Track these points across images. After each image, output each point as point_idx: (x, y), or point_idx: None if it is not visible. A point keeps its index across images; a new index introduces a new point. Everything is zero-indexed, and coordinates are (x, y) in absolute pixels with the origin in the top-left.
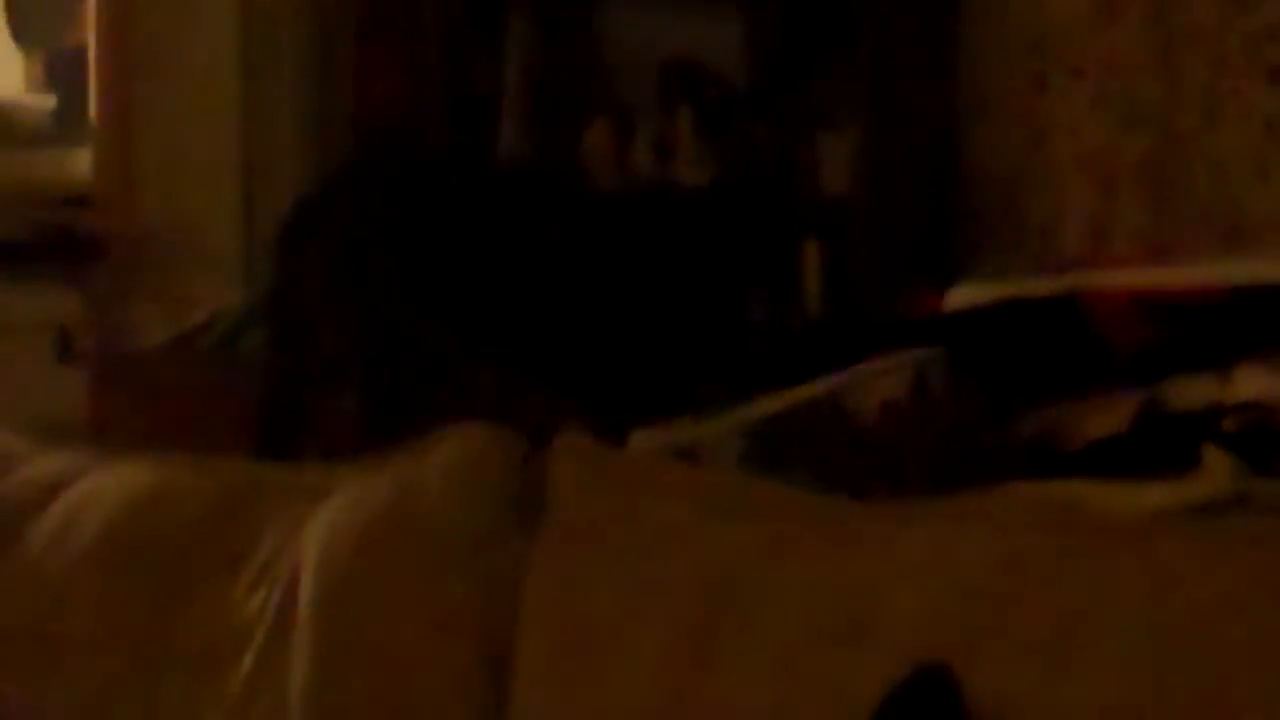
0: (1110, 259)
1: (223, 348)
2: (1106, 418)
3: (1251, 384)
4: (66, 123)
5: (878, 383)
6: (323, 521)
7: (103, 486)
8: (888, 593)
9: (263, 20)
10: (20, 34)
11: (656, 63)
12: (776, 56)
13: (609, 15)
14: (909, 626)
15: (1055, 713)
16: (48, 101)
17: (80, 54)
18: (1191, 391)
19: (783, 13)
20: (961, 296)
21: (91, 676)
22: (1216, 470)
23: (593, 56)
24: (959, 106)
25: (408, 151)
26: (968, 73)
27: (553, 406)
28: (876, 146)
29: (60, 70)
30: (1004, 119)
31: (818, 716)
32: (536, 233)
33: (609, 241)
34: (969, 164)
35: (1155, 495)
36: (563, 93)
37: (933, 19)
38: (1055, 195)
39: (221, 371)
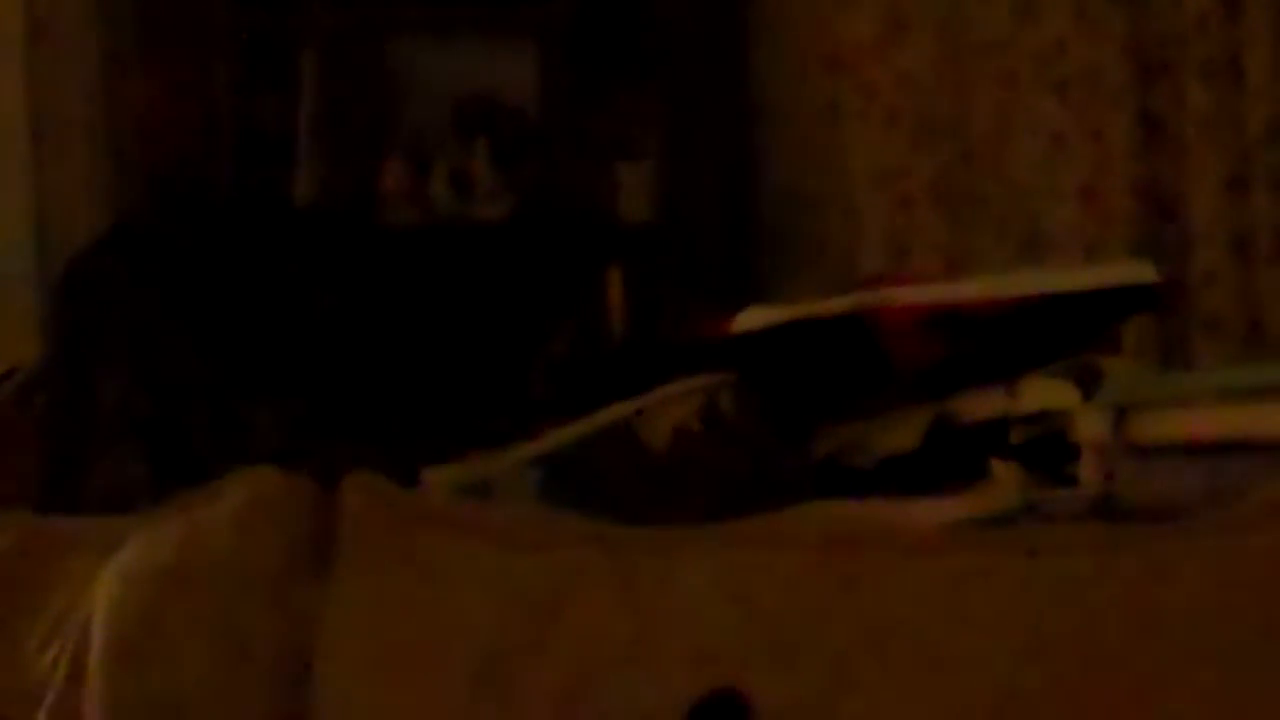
0: (901, 276)
1: (18, 403)
2: (896, 434)
3: (1037, 395)
4: None
5: (668, 409)
6: (113, 572)
7: None
8: (675, 618)
9: (49, 66)
10: None
11: (450, 97)
12: (570, 87)
13: (400, 50)
14: (696, 650)
15: None
16: None
17: None
18: (979, 405)
19: (575, 44)
20: (750, 318)
21: None
22: (1004, 482)
23: (385, 92)
24: (755, 130)
25: (199, 194)
26: (762, 96)
27: (343, 449)
28: (674, 173)
29: None
30: (800, 141)
31: None
32: (333, 271)
33: (408, 278)
34: (768, 187)
35: (945, 510)
36: (356, 129)
37: (724, 44)
38: (853, 214)
39: (14, 427)
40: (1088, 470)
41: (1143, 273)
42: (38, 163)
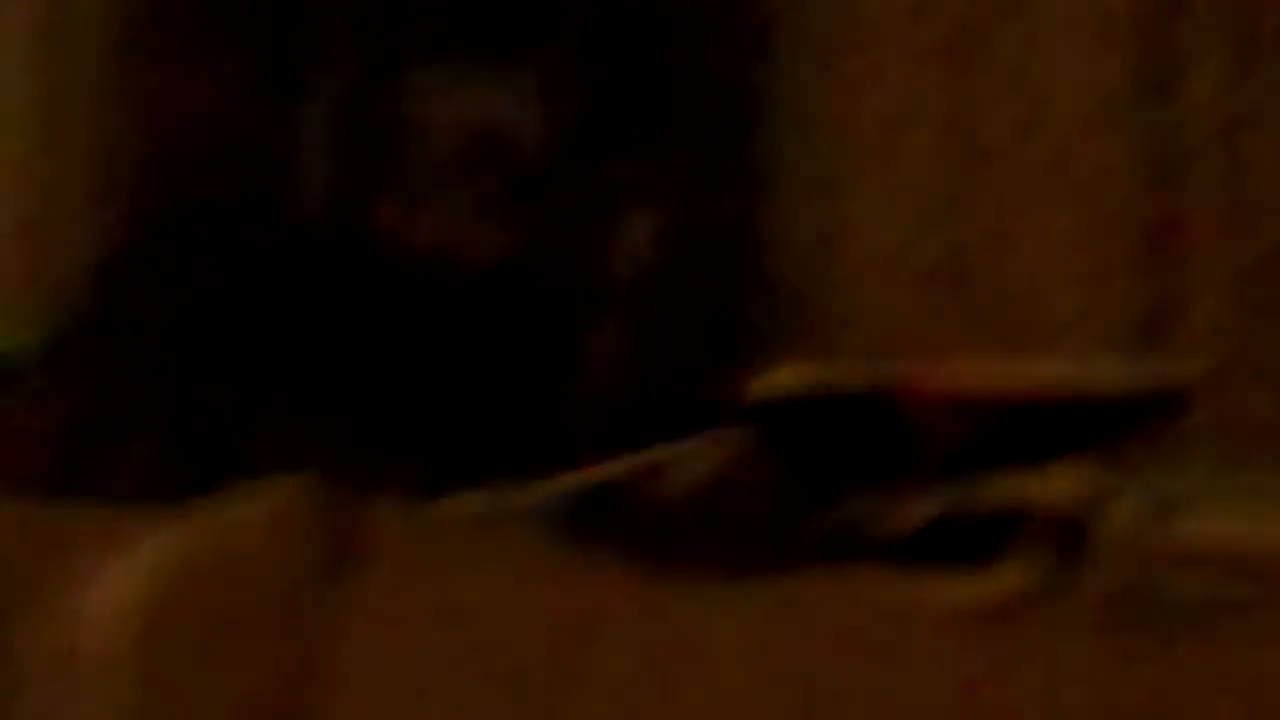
0: (910, 355)
1: (19, 393)
2: (917, 510)
3: (1061, 485)
4: None
5: (689, 462)
6: (134, 568)
7: None
8: (701, 672)
9: (59, 60)
10: None
11: (458, 131)
12: (575, 132)
13: (413, 79)
14: (718, 709)
15: None
16: None
17: None
18: (1001, 489)
19: (582, 88)
20: (776, 380)
21: None
22: (1023, 568)
23: (394, 120)
24: (763, 192)
25: (204, 211)
26: (773, 162)
27: (367, 465)
28: (679, 224)
29: None
30: (806, 213)
31: None
32: (334, 291)
33: (407, 309)
34: (769, 253)
35: (963, 589)
36: (361, 154)
37: (738, 100)
38: (853, 291)
39: (18, 417)
40: (1109, 566)
41: (1171, 375)
42: (43, 153)
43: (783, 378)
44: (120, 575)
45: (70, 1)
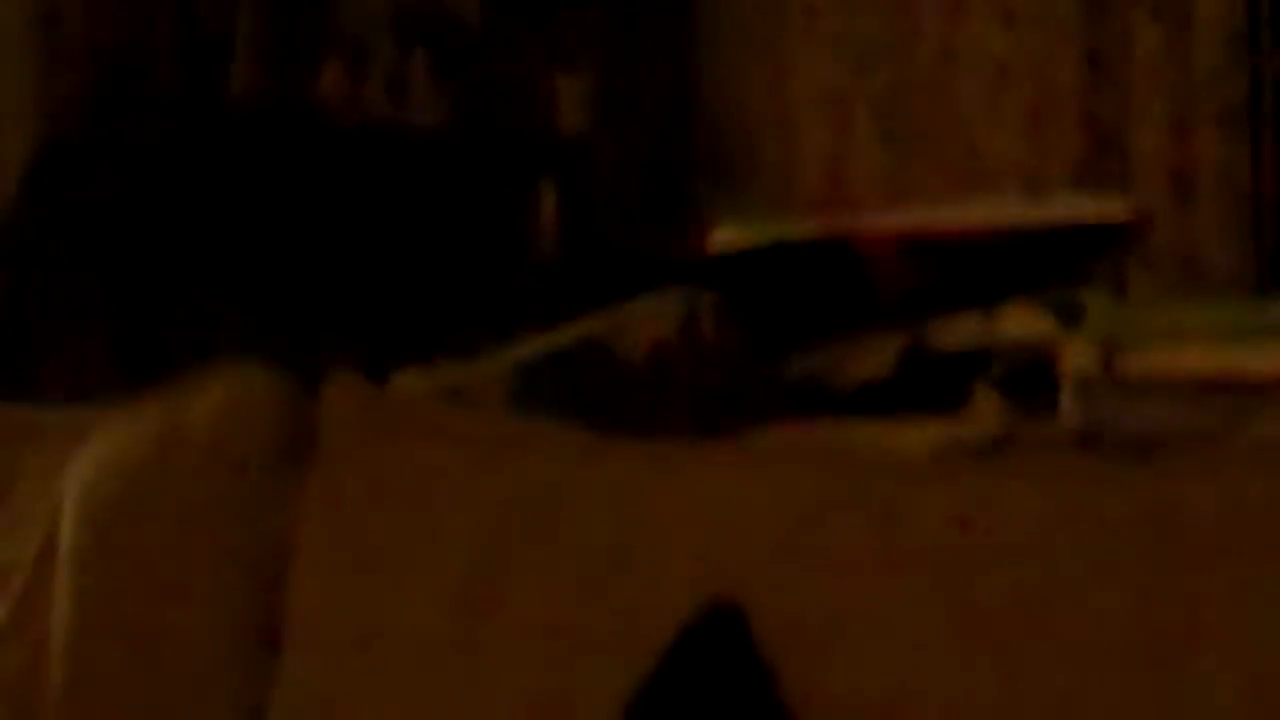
0: (857, 200)
1: None
2: (874, 359)
3: (1016, 324)
4: None
5: (647, 322)
6: (85, 461)
7: None
8: (667, 529)
9: None
10: None
11: (390, 3)
12: None
13: None
14: (690, 562)
15: (847, 645)
16: None
17: None
18: (958, 332)
19: None
20: (728, 236)
21: None
22: (986, 410)
23: None
24: (695, 47)
25: (140, 92)
26: (706, 12)
27: (311, 345)
28: (614, 86)
29: None
30: (741, 60)
31: (603, 656)
32: (273, 172)
33: (347, 182)
34: (707, 103)
35: (925, 435)
36: (296, 32)
37: None
38: (792, 137)
39: None
40: (1070, 402)
41: (1119, 209)
42: None
43: (733, 232)
44: (78, 470)
45: None
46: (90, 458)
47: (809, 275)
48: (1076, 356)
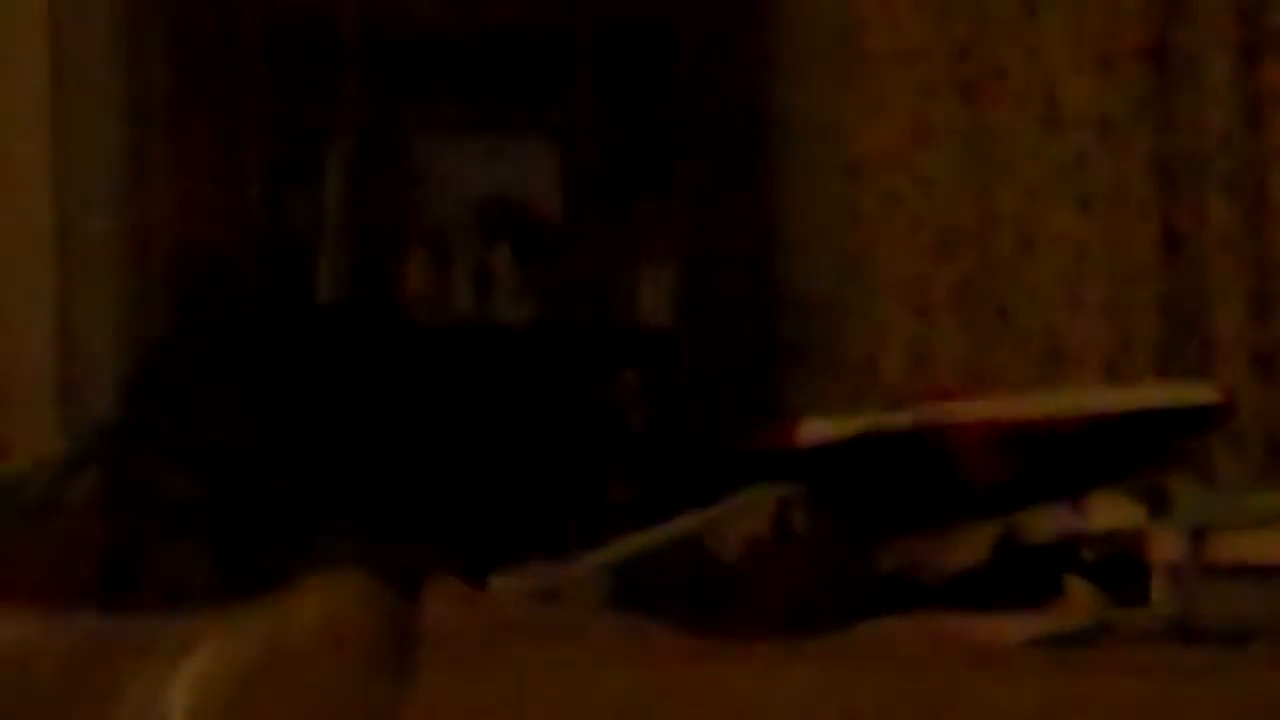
0: (944, 389)
1: (47, 498)
2: (966, 550)
3: (1106, 514)
4: None
5: (740, 520)
6: (190, 675)
7: None
8: None
9: (77, 153)
10: None
11: (473, 197)
12: (593, 191)
13: (424, 151)
14: None
15: None
16: None
17: None
18: (1048, 522)
19: (598, 148)
20: (816, 430)
21: None
22: (1078, 600)
23: (409, 192)
24: (777, 236)
25: (229, 293)
26: (784, 203)
27: (410, 553)
28: (695, 278)
29: None
30: (822, 248)
31: None
32: (362, 371)
33: (435, 380)
34: (788, 293)
35: (1019, 627)
36: (381, 230)
37: (746, 150)
38: (874, 323)
39: (48, 523)
40: (1161, 590)
41: (1206, 393)
42: (61, 257)
43: (822, 424)
44: (179, 684)
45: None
46: (196, 670)
47: (899, 467)
48: (1165, 545)
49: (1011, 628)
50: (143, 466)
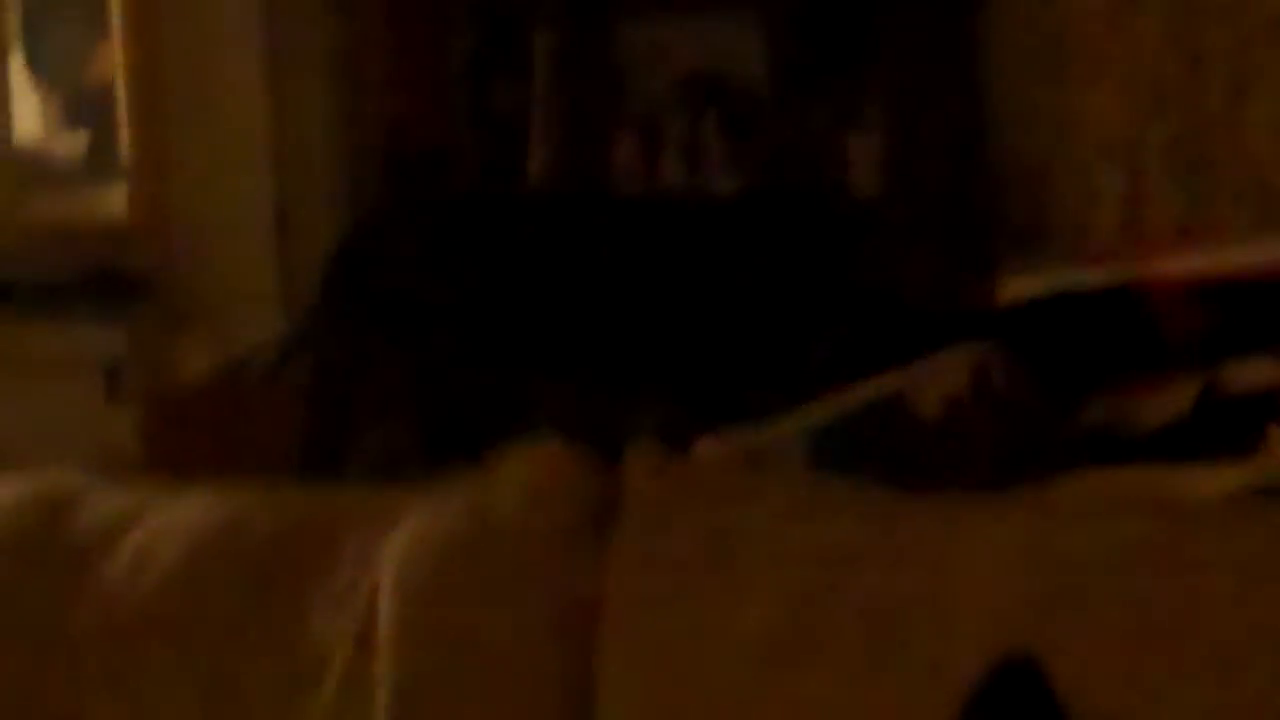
0: (1149, 244)
1: (268, 378)
2: (1167, 404)
3: None
4: (97, 161)
5: (939, 378)
6: (399, 543)
7: (172, 519)
8: (966, 581)
9: (290, 54)
10: (40, 73)
11: (679, 73)
12: (798, 61)
13: (628, 28)
14: (990, 612)
15: (1147, 697)
16: (78, 140)
17: (104, 92)
18: (1250, 374)
19: (802, 17)
20: (1016, 288)
21: (172, 703)
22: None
23: (615, 71)
24: (984, 101)
25: (441, 177)
26: (990, 68)
27: (614, 418)
28: (904, 145)
29: (83, 109)
30: (1030, 111)
31: (907, 712)
32: (574, 249)
33: (645, 254)
34: (997, 158)
35: (1223, 478)
36: (588, 109)
37: (952, 16)
38: (1084, 185)
39: (268, 402)
40: None
41: None
42: (278, 148)
43: (1022, 284)
44: (388, 553)
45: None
46: (404, 540)
47: (1098, 323)
48: None
49: (1213, 480)
50: (348, 345)
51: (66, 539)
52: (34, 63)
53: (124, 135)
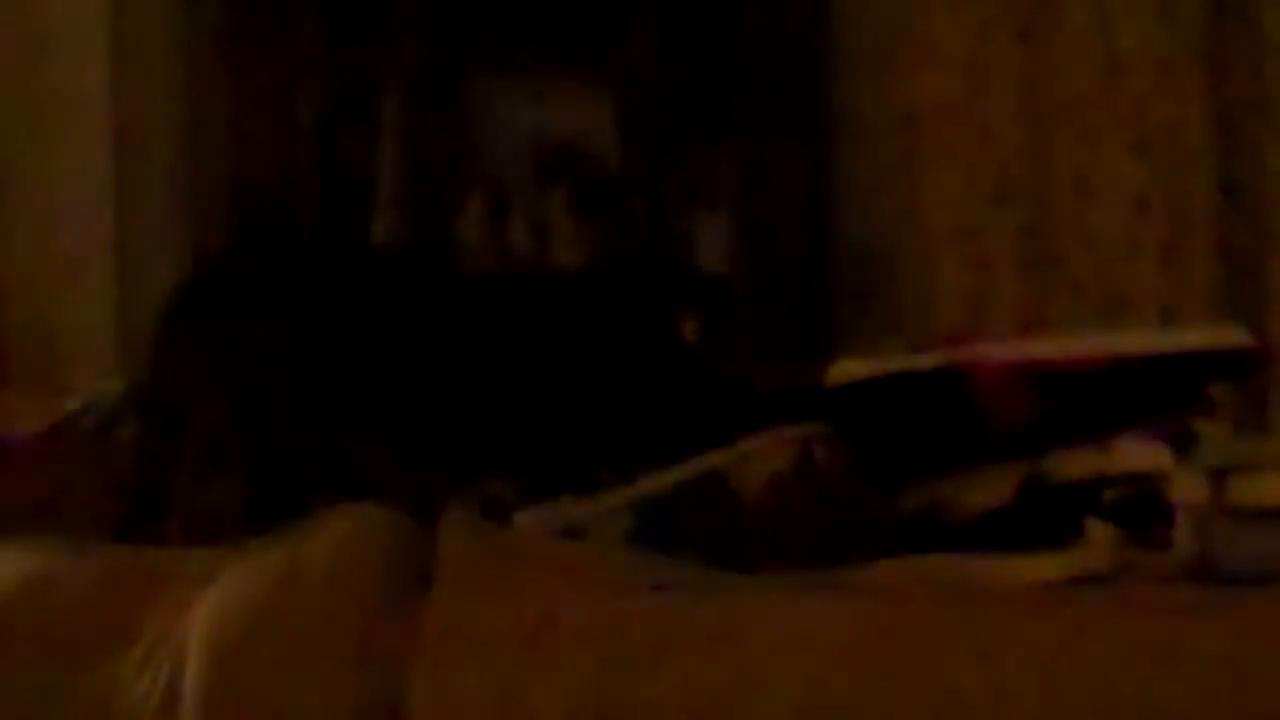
0: (987, 335)
1: (98, 434)
2: (990, 491)
3: (1130, 455)
4: None
5: (764, 458)
6: (209, 603)
7: None
8: (779, 669)
9: (135, 104)
10: None
11: (530, 143)
12: (649, 137)
13: (481, 97)
14: (800, 702)
15: None
16: None
17: None
18: (1073, 463)
19: (656, 93)
20: (844, 370)
21: None
22: (1099, 542)
23: (466, 138)
24: (833, 184)
25: (283, 235)
26: (840, 151)
27: (435, 486)
28: (752, 224)
29: None
30: (877, 196)
31: None
32: (412, 314)
33: (486, 322)
34: (844, 241)
35: (1039, 567)
36: (436, 174)
37: (804, 98)
38: (930, 271)
39: (95, 459)
40: (1183, 533)
41: (1235, 337)
42: (119, 203)
43: (851, 365)
44: (196, 613)
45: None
46: (213, 602)
47: (924, 407)
48: (1188, 487)
49: (1032, 569)
50: (174, 405)
51: None
52: None
53: None
